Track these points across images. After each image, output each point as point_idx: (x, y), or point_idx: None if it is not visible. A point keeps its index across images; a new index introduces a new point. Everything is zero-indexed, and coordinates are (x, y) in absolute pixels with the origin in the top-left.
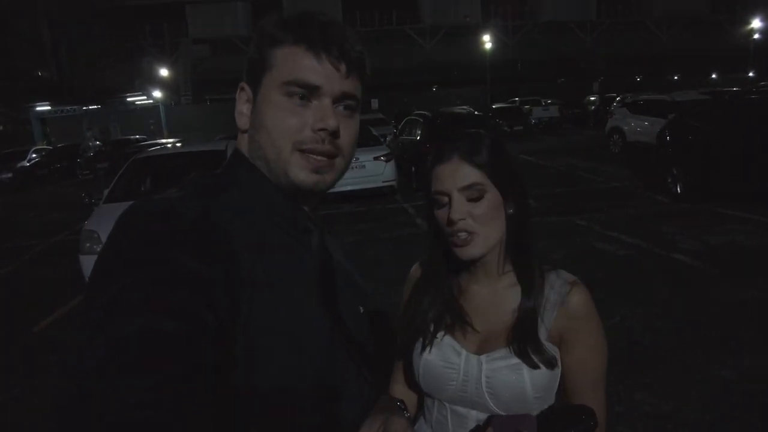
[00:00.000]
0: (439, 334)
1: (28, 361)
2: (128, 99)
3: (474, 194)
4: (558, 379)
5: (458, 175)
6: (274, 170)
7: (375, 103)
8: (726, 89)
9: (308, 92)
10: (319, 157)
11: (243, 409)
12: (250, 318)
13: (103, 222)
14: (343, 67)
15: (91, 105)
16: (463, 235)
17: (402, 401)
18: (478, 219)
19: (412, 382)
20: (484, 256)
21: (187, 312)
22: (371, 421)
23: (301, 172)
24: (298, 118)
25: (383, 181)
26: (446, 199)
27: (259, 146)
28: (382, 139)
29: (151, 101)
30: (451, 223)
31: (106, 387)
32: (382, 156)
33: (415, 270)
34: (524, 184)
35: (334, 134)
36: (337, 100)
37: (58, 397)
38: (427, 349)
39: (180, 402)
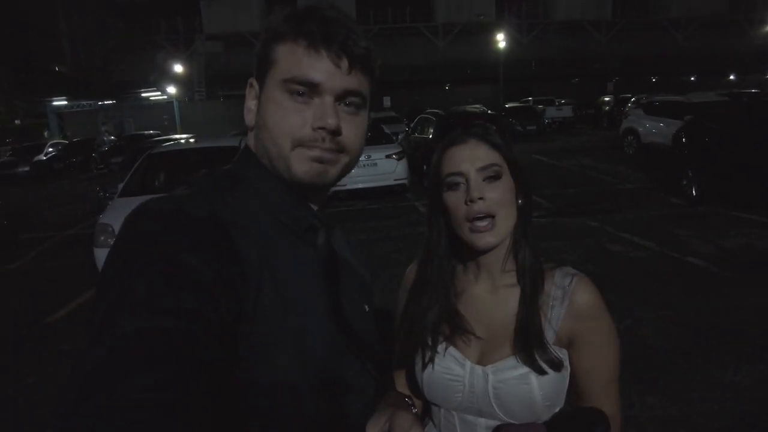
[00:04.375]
0: (440, 346)
1: (42, 352)
2: (143, 94)
3: (491, 174)
4: (567, 383)
5: (476, 154)
6: (277, 167)
7: (387, 101)
8: (744, 91)
9: (309, 89)
10: (321, 151)
11: (245, 406)
12: (254, 317)
13: (117, 216)
14: (344, 64)
15: (107, 100)
16: (481, 221)
17: (410, 396)
18: (496, 201)
19: (416, 391)
20: (497, 245)
21: (190, 311)
22: (378, 416)
23: (303, 165)
24: (299, 116)
25: (395, 180)
26: (461, 180)
27: (263, 144)
28: (394, 138)
29: (165, 97)
30: (470, 202)
31: (107, 385)
32: (394, 154)
33: (411, 272)
34: (528, 177)
35: (335, 133)
36: (339, 98)
37: (63, 396)
38: (429, 361)
39: (181, 400)
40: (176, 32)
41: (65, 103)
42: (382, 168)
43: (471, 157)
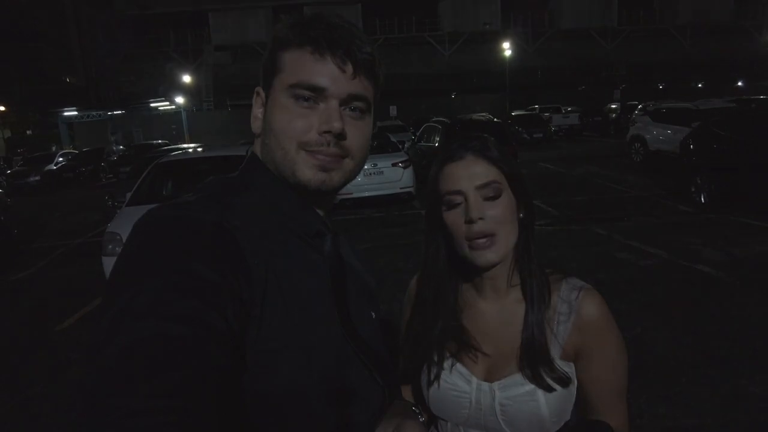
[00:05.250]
0: (447, 363)
1: (51, 360)
2: (151, 104)
3: (491, 193)
4: (574, 397)
5: (474, 172)
6: (282, 171)
7: (393, 110)
8: (752, 97)
9: (314, 94)
10: (326, 156)
11: (252, 413)
12: (261, 324)
13: (125, 224)
14: (349, 69)
15: (116, 110)
16: (481, 239)
17: (417, 405)
18: (496, 219)
19: (422, 405)
20: (498, 263)
21: (197, 318)
22: (385, 425)
23: (308, 170)
24: (304, 121)
25: (401, 188)
26: (460, 199)
27: (269, 149)
28: (400, 146)
29: (173, 107)
30: (469, 222)
31: (114, 393)
32: (400, 162)
33: (415, 283)
34: (528, 188)
35: (340, 136)
36: (344, 102)
37: (71, 403)
38: (435, 378)
39: (186, 408)
40: (185, 43)
41: (76, 113)
42: (388, 176)
43: (469, 175)
